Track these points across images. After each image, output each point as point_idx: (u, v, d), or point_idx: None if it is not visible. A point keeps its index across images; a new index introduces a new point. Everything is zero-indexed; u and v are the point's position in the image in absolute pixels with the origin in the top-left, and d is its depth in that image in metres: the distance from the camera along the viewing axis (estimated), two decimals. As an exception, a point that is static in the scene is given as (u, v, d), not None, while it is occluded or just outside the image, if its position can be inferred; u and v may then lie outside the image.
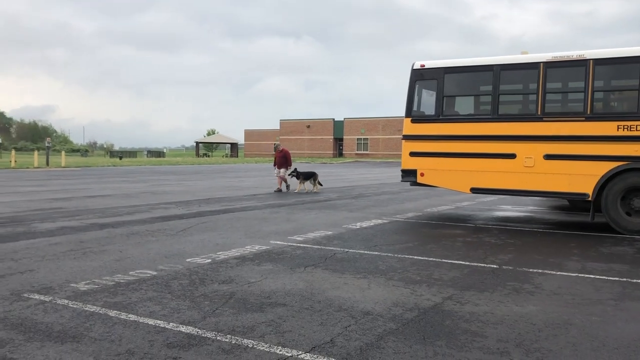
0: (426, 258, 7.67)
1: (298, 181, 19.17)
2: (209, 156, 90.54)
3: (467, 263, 7.38)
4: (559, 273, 6.87)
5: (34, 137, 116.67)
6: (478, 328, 4.70)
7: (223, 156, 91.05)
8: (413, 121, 11.76)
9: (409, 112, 11.83)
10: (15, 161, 39.96)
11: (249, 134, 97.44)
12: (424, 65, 11.69)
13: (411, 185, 12.16)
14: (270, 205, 14.37)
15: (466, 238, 9.51)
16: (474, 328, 4.70)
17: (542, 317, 5.03)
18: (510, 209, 14.25)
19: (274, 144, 21.00)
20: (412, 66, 11.83)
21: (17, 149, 60.20)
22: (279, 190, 19.12)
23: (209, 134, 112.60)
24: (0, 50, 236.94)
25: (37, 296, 5.50)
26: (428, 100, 11.88)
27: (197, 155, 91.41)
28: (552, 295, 5.81)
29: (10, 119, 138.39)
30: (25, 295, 5.55)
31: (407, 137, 11.85)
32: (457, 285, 6.18)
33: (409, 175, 11.82)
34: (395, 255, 7.85)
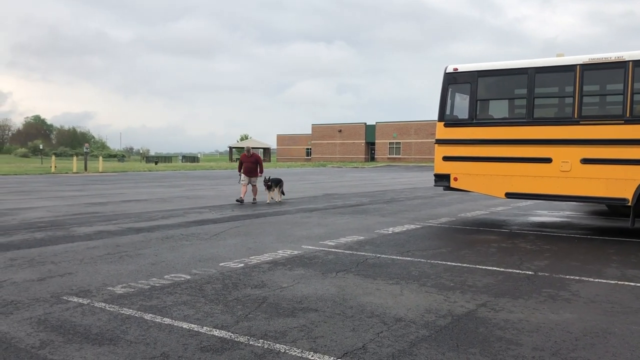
0: (460, 264, 7.58)
1: (269, 190, 16.72)
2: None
3: (501, 269, 7.26)
4: (597, 280, 6.70)
5: (73, 143, 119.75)
6: (513, 336, 4.62)
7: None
8: (446, 125, 11.65)
9: (441, 116, 11.72)
10: (55, 166, 41.10)
11: (281, 139, 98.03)
12: (457, 69, 11.58)
13: (444, 190, 12.03)
14: (302, 210, 14.42)
15: (501, 244, 9.36)
16: (508, 336, 4.62)
17: (580, 326, 4.92)
18: (546, 214, 13.97)
19: (249, 147, 17.87)
20: (445, 70, 11.73)
21: (57, 155, 61.89)
22: (241, 201, 16.19)
23: (242, 139, 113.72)
24: (43, 58, 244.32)
25: (75, 299, 5.65)
26: (461, 104, 11.76)
27: (231, 160, 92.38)
28: (589, 303, 5.67)
29: (51, 125, 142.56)
30: (65, 297, 5.70)
31: (440, 142, 11.75)
32: (491, 291, 6.09)
33: (442, 179, 11.71)
34: (428, 261, 7.78)
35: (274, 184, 16.79)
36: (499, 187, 11.07)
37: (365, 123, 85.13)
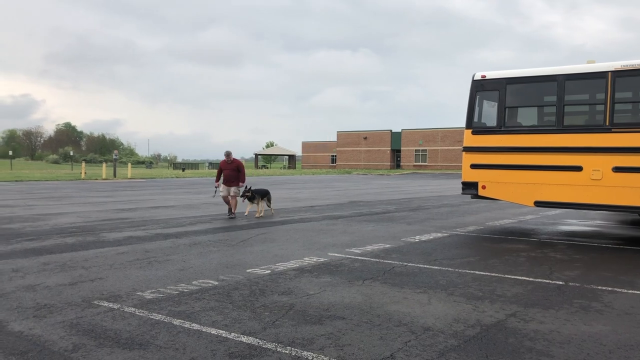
0: (488, 273, 7.49)
1: (251, 203, 14.67)
2: (267, 168, 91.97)
3: (531, 279, 7.15)
4: (630, 291, 6.55)
5: (102, 149, 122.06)
6: (543, 347, 4.54)
7: (281, 168, 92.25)
8: (474, 133, 11.55)
9: (469, 123, 11.63)
10: (85, 173, 41.90)
11: (306, 146, 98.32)
12: (484, 76, 11.49)
13: (472, 198, 11.92)
14: (328, 217, 14.42)
15: (530, 253, 9.22)
16: (539, 347, 4.54)
17: (613, 338, 4.81)
18: (576, 223, 13.72)
19: (229, 152, 14.83)
20: (473, 77, 11.64)
21: (86, 161, 63.17)
22: (233, 215, 14.36)
23: (267, 146, 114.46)
24: (73, 67, 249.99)
25: (106, 303, 5.74)
26: (489, 112, 11.65)
27: (256, 167, 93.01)
28: (623, 315, 5.54)
29: (81, 132, 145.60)
30: (95, 302, 5.79)
31: (468, 149, 11.64)
32: (520, 301, 6.00)
33: (470, 187, 11.60)
34: (456, 270, 7.71)
35: (258, 195, 14.74)
36: (528, 195, 10.92)
37: (390, 130, 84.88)
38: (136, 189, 27.83)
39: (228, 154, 14.71)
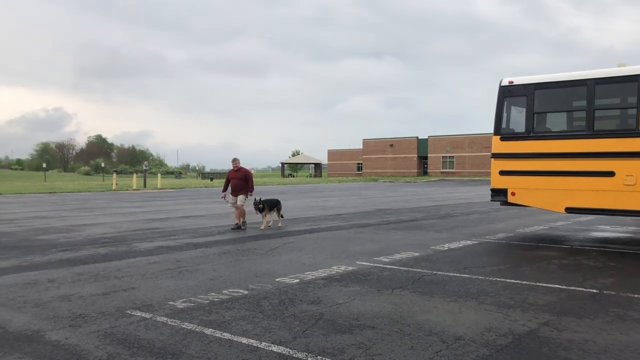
0: (519, 281, 7.39)
1: (262, 214, 13.97)
2: (293, 176, 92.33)
3: (563, 287, 7.03)
4: (668, 299, 6.38)
5: (133, 160, 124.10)
6: (579, 357, 4.46)
7: (307, 176, 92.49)
8: (502, 139, 11.44)
9: (497, 129, 11.52)
10: (116, 184, 42.67)
11: (332, 154, 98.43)
12: (512, 82, 11.38)
13: (501, 204, 11.78)
14: (355, 225, 14.41)
15: (562, 260, 9.06)
16: (574, 357, 4.46)
17: (651, 348, 4.69)
18: (609, 230, 13.43)
19: (235, 158, 14.00)
20: (500, 83, 11.54)
21: (117, 172, 64.30)
22: (239, 227, 13.67)
23: (293, 155, 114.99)
24: (104, 80, 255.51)
25: (138, 313, 5.84)
26: (517, 117, 11.52)
27: (283, 175, 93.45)
28: (661, 324, 5.40)
29: (112, 144, 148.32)
30: (129, 312, 5.90)
31: (497, 156, 11.53)
32: (553, 310, 5.90)
33: (499, 194, 11.47)
34: (487, 278, 7.62)
35: (269, 205, 14.07)
36: (559, 201, 10.74)
37: (417, 137, 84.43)
38: (166, 199, 28.23)
39: (235, 161, 13.92)
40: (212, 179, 74.70)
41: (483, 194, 29.57)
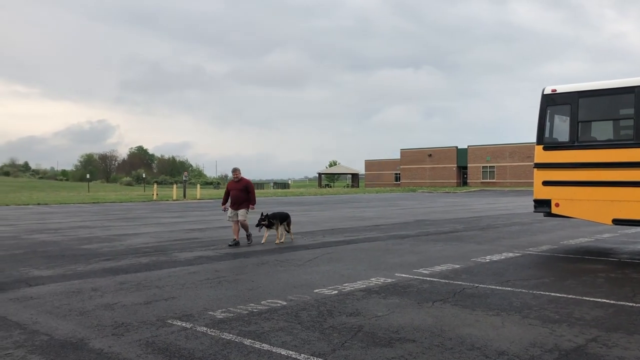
0: (565, 295, 7.15)
1: (269, 229, 12.96)
2: (330, 187, 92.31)
3: (612, 301, 6.77)
4: None
5: (172, 171, 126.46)
6: (630, 376, 4.27)
7: (344, 186, 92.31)
8: (545, 148, 11.17)
9: (540, 139, 11.26)
10: (157, 194, 43.50)
11: (369, 164, 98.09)
12: (555, 90, 11.12)
13: (545, 216, 11.47)
14: (393, 237, 14.27)
15: (609, 274, 8.74)
16: (625, 375, 4.28)
17: None
18: (660, 242, 12.92)
19: (235, 168, 13.10)
20: (543, 91, 11.29)
21: (158, 183, 65.56)
22: (237, 243, 12.52)
23: (330, 165, 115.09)
24: (146, 93, 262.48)
25: (179, 322, 5.89)
26: (561, 126, 11.24)
27: (320, 186, 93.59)
28: None
29: (152, 155, 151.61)
30: (169, 321, 5.96)
31: (539, 166, 11.26)
32: (601, 325, 5.69)
33: (543, 205, 11.18)
34: (530, 291, 7.41)
35: (276, 219, 12.96)
36: (605, 213, 10.40)
37: (456, 146, 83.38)
38: (205, 209, 28.61)
39: (235, 172, 12.96)
40: (250, 190, 75.35)
41: (525, 205, 28.93)
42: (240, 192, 12.73)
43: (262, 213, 13.09)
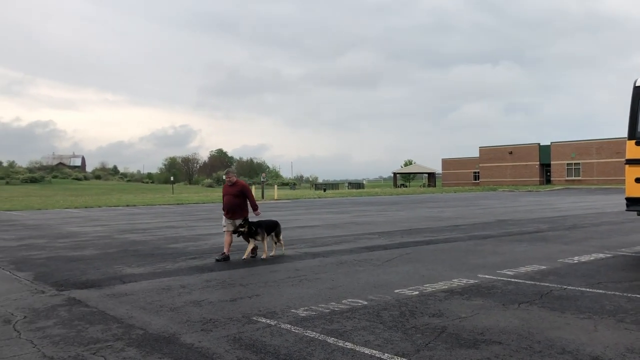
0: (664, 299, 6.72)
1: (252, 239, 10.77)
2: (406, 186, 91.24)
3: None
4: None
5: (250, 172, 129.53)
6: None
7: (420, 186, 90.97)
8: (638, 143, 10.53)
9: (632, 133, 10.63)
10: (236, 195, 44.66)
11: (446, 163, 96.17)
12: (648, 81, 10.45)
13: (638, 215, 10.82)
14: (474, 237, 13.94)
15: None
16: None
17: None
18: None
19: (228, 170, 11.31)
20: (635, 83, 10.65)
21: (237, 184, 67.19)
22: (226, 258, 10.49)
23: (406, 165, 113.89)
24: (225, 98, 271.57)
25: (263, 320, 6.05)
26: (655, 120, 10.55)
27: (395, 185, 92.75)
28: None
29: (231, 157, 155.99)
30: (254, 318, 6.14)
31: (632, 162, 10.63)
32: None
33: (636, 204, 10.54)
34: (624, 294, 7.02)
35: (261, 227, 10.82)
36: None
37: (538, 143, 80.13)
38: (283, 209, 29.13)
39: (229, 174, 10.94)
40: (325, 190, 75.97)
41: (614, 204, 27.38)
42: (235, 197, 10.75)
43: (244, 218, 10.82)
